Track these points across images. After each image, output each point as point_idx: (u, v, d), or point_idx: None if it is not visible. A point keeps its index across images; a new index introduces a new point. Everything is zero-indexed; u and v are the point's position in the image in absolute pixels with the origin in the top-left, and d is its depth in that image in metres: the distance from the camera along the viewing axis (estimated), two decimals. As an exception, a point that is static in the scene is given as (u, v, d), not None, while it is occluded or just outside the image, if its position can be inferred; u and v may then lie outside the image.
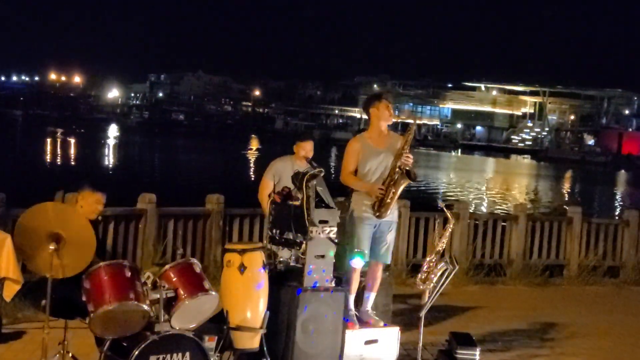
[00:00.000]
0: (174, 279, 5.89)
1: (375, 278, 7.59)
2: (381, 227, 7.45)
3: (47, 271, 5.64)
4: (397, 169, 7.23)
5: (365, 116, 8.35)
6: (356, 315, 7.42)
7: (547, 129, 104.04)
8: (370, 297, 7.60)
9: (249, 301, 6.43)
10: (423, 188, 40.92)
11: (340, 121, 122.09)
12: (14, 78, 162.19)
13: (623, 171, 75.57)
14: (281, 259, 6.98)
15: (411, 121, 7.64)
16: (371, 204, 7.31)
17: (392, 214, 7.51)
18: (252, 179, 40.06)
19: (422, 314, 7.39)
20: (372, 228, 7.40)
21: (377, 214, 7.27)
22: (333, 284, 6.92)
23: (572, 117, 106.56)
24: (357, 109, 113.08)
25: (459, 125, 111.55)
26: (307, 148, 8.32)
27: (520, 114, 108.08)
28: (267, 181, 8.36)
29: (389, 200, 7.24)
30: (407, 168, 7.23)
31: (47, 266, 5.64)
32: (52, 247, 5.67)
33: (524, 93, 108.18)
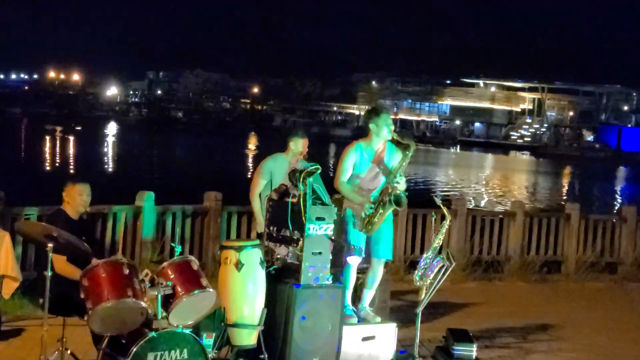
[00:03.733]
0: (172, 276, 5.91)
1: (376, 275, 7.60)
2: None
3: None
4: (388, 191, 7.25)
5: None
6: (354, 311, 7.44)
7: (546, 125, 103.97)
8: (369, 295, 7.62)
9: (247, 298, 6.45)
10: (421, 185, 40.95)
11: (339, 118, 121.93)
12: (13, 76, 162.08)
13: (622, 167, 75.52)
14: (278, 256, 7.00)
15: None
16: (360, 217, 7.34)
17: None
18: (250, 176, 40.07)
19: (419, 310, 7.43)
20: None
21: (364, 230, 7.32)
22: (330, 281, 6.94)
23: (571, 113, 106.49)
24: (355, 106, 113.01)
25: (457, 122, 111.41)
26: (304, 145, 8.34)
27: (519, 110, 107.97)
28: (259, 180, 8.36)
29: (376, 220, 7.29)
30: (396, 194, 7.24)
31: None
32: (50, 244, 5.71)
33: (522, 89, 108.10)
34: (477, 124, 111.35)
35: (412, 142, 7.44)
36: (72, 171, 39.41)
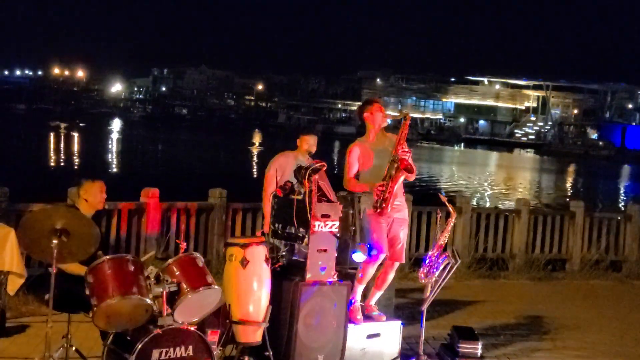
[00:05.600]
0: (177, 273, 5.91)
1: (386, 278, 7.56)
2: (394, 226, 7.41)
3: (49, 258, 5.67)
4: (394, 163, 7.23)
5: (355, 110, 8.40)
6: (360, 306, 7.41)
7: (550, 123, 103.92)
8: (376, 295, 7.59)
9: (252, 295, 6.45)
10: (425, 182, 40.93)
11: (344, 115, 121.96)
12: (18, 72, 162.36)
13: (626, 165, 75.37)
14: (283, 253, 6.98)
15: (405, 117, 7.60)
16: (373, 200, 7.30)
17: (403, 212, 7.50)
18: (255, 173, 40.12)
19: (424, 307, 7.42)
20: (386, 225, 7.38)
21: (379, 210, 7.26)
22: (335, 278, 6.93)
23: (576, 111, 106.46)
24: (360, 103, 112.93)
25: (462, 120, 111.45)
26: (310, 142, 8.33)
27: (523, 108, 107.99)
28: (271, 177, 8.29)
29: (387, 195, 7.23)
30: (403, 159, 7.21)
31: (49, 255, 5.67)
32: (55, 240, 5.69)
33: (527, 87, 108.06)
34: (481, 122, 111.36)
35: (407, 112, 7.63)
36: (76, 168, 39.42)
